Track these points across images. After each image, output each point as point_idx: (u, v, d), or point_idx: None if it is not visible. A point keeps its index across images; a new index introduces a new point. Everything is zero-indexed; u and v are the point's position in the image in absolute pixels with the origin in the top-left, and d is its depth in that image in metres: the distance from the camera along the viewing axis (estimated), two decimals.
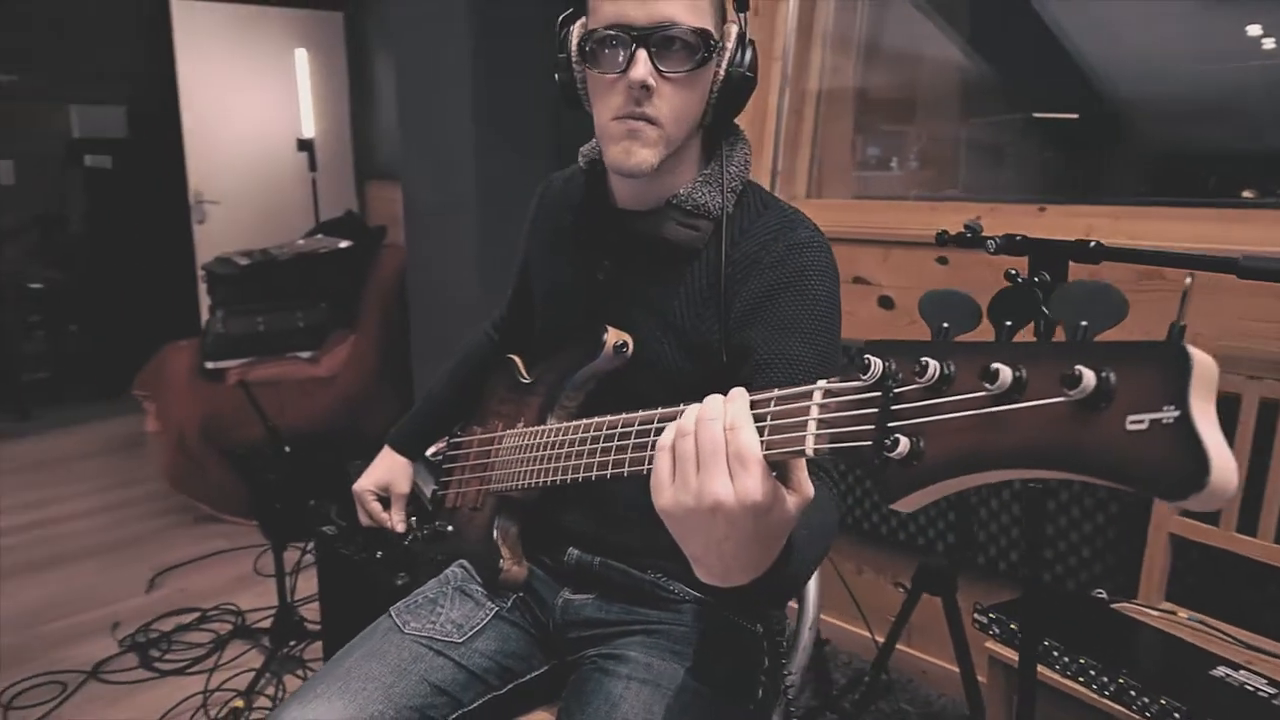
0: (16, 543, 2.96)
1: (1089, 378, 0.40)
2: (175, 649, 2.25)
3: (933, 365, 0.48)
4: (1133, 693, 1.23)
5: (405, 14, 2.87)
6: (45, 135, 4.98)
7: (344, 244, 3.48)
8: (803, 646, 1.14)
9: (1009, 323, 0.51)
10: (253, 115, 4.64)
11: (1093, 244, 1.17)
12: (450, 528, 1.17)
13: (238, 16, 4.56)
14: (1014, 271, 1.16)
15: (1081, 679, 1.29)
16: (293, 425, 2.95)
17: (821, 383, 0.57)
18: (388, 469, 1.28)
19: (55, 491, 3.42)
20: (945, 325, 0.53)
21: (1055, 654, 1.33)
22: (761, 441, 0.59)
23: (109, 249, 4.85)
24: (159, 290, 4.78)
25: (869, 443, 0.52)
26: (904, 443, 0.49)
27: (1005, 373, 0.45)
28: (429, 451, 1.36)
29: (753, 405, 0.61)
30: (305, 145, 4.21)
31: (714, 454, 0.59)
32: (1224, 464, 0.37)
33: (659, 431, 0.70)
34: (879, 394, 0.52)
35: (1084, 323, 0.45)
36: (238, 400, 3.05)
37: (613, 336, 0.98)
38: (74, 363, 4.74)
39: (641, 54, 0.88)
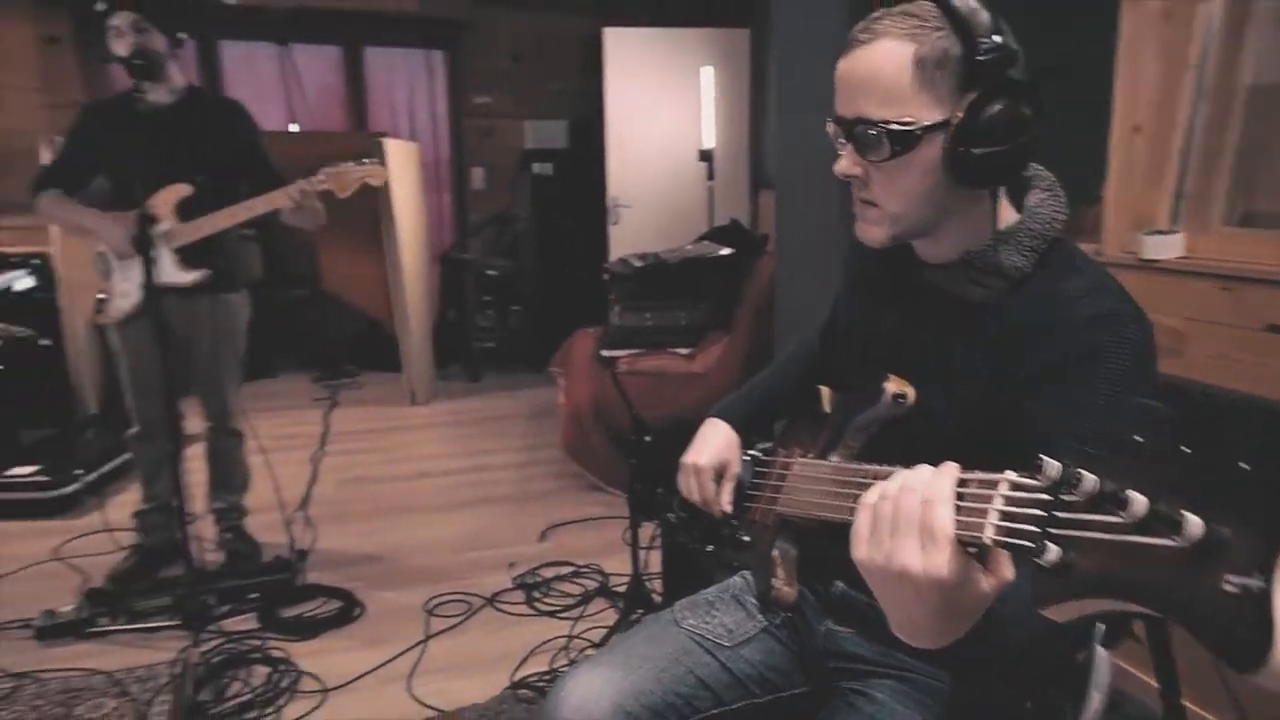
0: (458, 482, 3.69)
1: (1201, 529, 0.40)
2: (551, 595, 2.67)
3: (1088, 480, 0.49)
4: None
5: (790, 28, 3.02)
6: (506, 147, 6.00)
7: (725, 251, 3.76)
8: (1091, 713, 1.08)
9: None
10: (663, 128, 5.14)
11: None
12: (747, 538, 1.29)
13: (656, 38, 5.08)
14: None
15: None
16: (666, 413, 3.29)
17: (1010, 474, 0.59)
18: (726, 446, 1.28)
19: (490, 444, 4.19)
20: (1138, 438, 0.53)
21: None
22: (955, 520, 0.62)
23: (546, 244, 5.70)
24: (579, 281, 5.53)
25: (1030, 544, 0.54)
26: (1053, 551, 0.51)
27: (1138, 503, 0.45)
28: None
29: (960, 482, 0.64)
30: (705, 156, 4.57)
31: (907, 524, 0.63)
32: None
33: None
34: (1048, 498, 0.54)
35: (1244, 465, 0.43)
36: (624, 384, 3.49)
37: (893, 386, 1.02)
38: (515, 337, 5.67)
39: (848, 147, 0.95)
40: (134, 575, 2.71)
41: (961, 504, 0.63)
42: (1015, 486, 0.59)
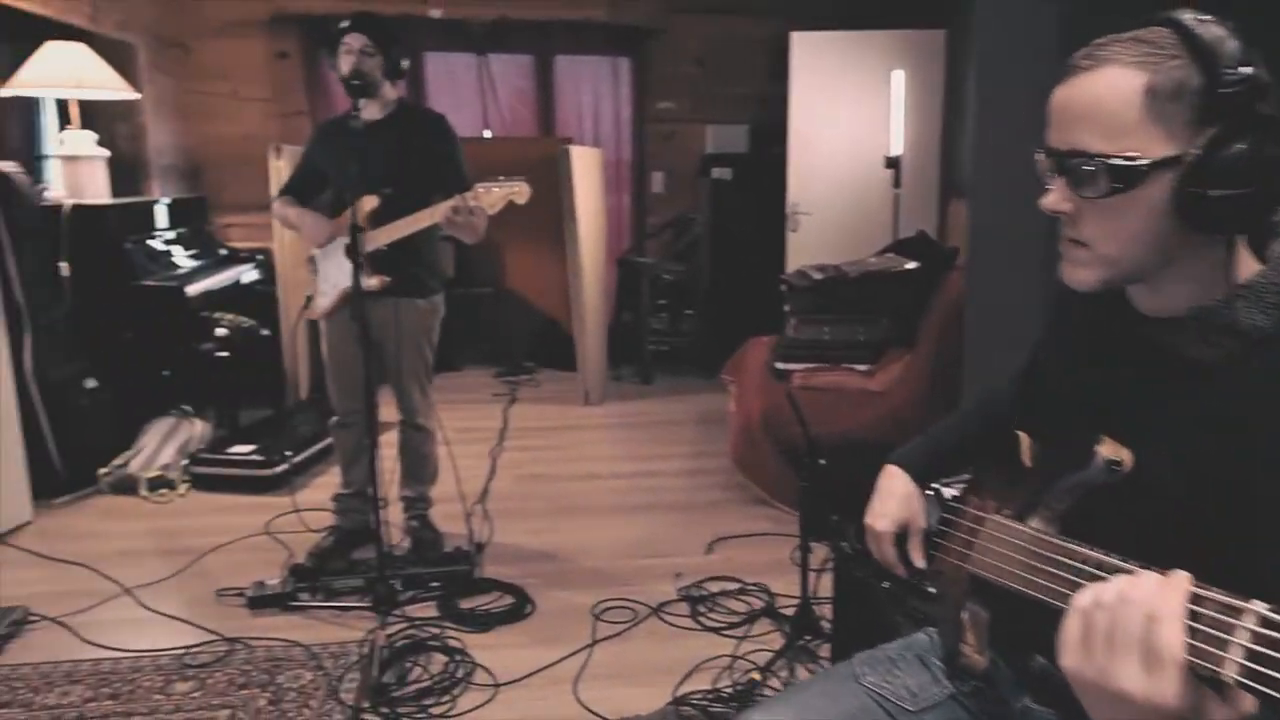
0: (628, 486, 3.76)
1: None
2: (716, 610, 2.66)
3: None
4: None
5: (993, 30, 2.84)
6: (687, 151, 6.04)
7: (910, 265, 3.60)
8: None
9: None
10: (847, 133, 5.00)
11: None
12: (934, 590, 1.22)
13: (844, 41, 4.94)
14: None
15: None
16: (841, 432, 3.20)
17: (1258, 604, 0.52)
18: (906, 503, 1.23)
19: (660, 449, 4.23)
20: None
21: None
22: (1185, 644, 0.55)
23: (723, 249, 5.68)
24: (754, 288, 5.47)
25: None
26: None
27: None
28: None
29: (1193, 599, 0.57)
30: (892, 163, 4.41)
31: (1127, 641, 0.57)
32: None
33: (1091, 577, 0.68)
34: None
35: None
36: (798, 399, 3.42)
37: (1107, 449, 0.93)
38: (687, 341, 5.70)
39: (1058, 180, 0.86)
40: (331, 554, 2.94)
41: (1195, 624, 0.56)
42: (1265, 622, 0.51)
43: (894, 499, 1.24)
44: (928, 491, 1.29)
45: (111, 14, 4.56)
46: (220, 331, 3.99)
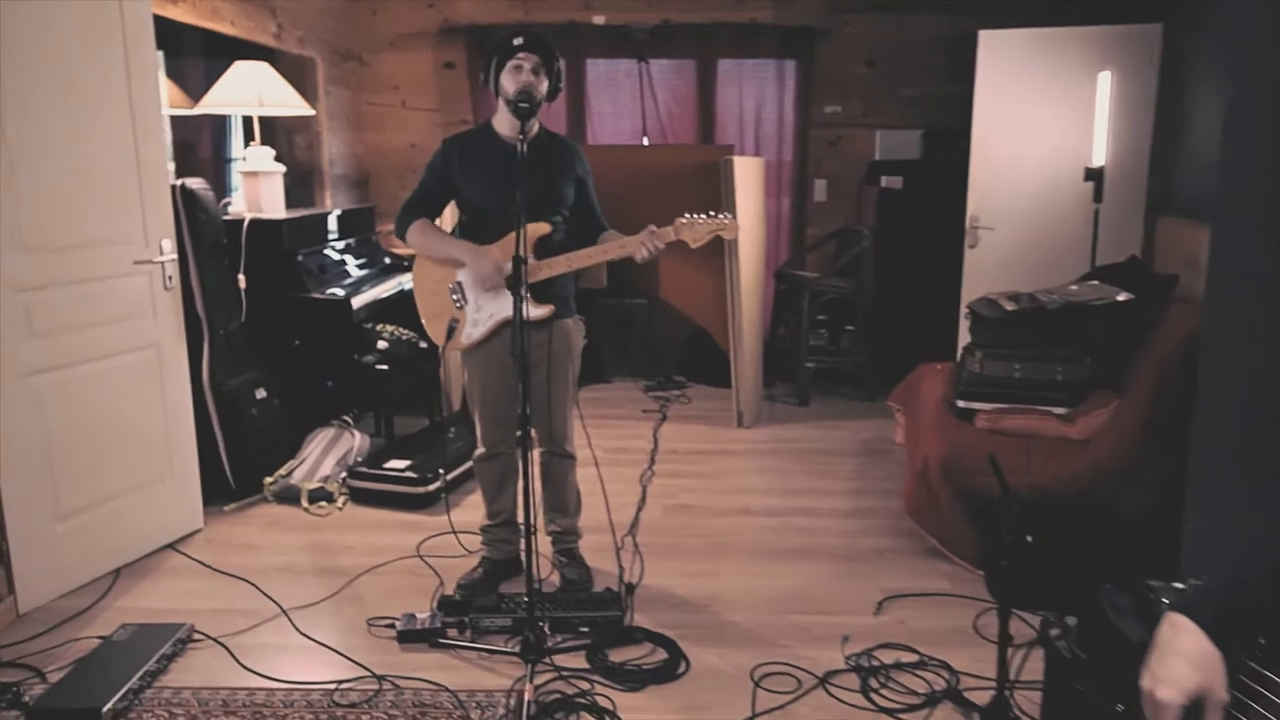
0: (783, 525, 3.50)
1: None
2: (891, 686, 2.38)
3: None
4: None
5: (1242, 24, 2.42)
6: (853, 158, 5.70)
7: (1122, 296, 3.17)
8: None
9: None
10: (1040, 140, 4.54)
11: None
12: None
13: (1042, 40, 4.48)
14: None
15: None
16: (1036, 484, 2.84)
17: None
18: (1201, 665, 0.96)
19: (817, 482, 3.95)
20: None
21: None
22: None
23: (891, 264, 5.32)
24: (925, 308, 5.08)
25: None
26: None
27: None
28: None
29: None
30: (1093, 174, 3.95)
31: None
32: None
33: None
34: None
35: None
36: (983, 443, 3.07)
37: None
38: (848, 361, 5.37)
39: None
40: (480, 587, 2.85)
41: None
42: None
43: (1185, 655, 0.97)
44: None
45: (294, 31, 4.71)
46: (381, 345, 4.02)
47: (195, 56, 4.51)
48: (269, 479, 3.65)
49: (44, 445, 2.75)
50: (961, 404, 3.25)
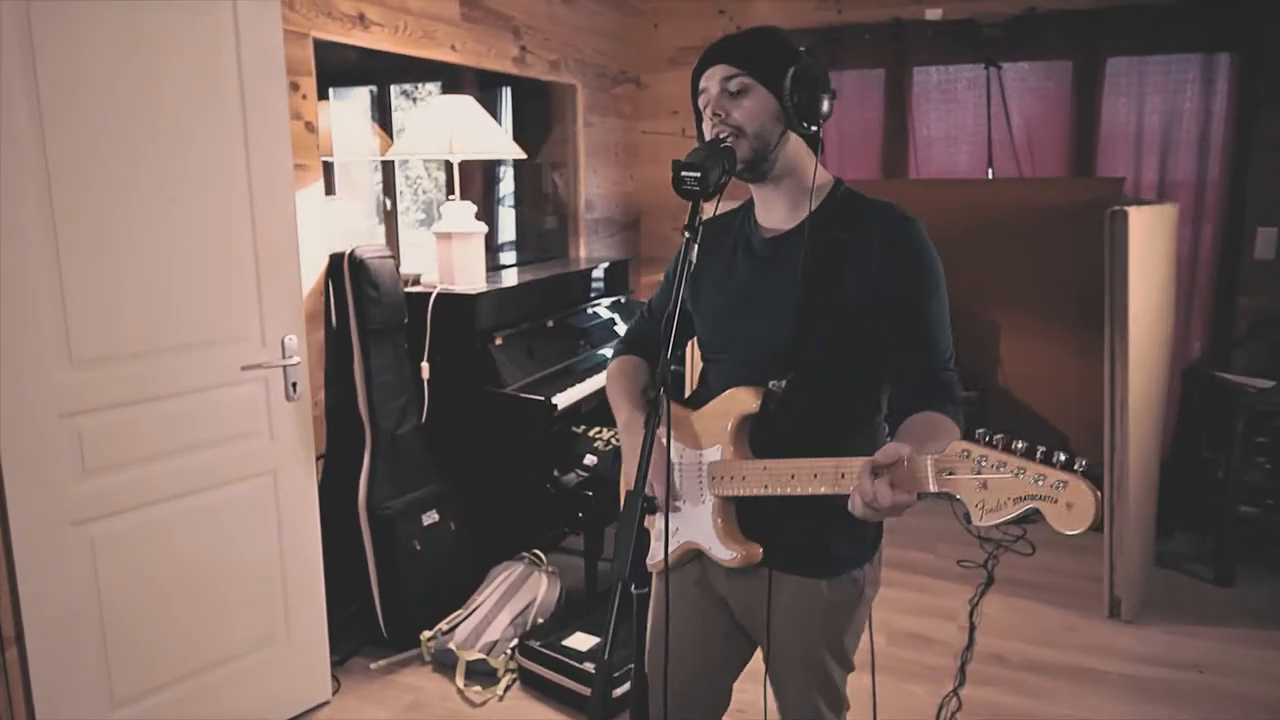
0: None
1: None
2: None
3: None
4: None
5: None
6: None
7: None
8: None
9: None
10: None
11: None
12: None
13: None
14: None
15: None
16: None
17: None
18: None
19: None
20: None
21: None
22: None
23: None
24: None
25: None
26: None
27: None
28: None
29: None
30: None
31: None
32: None
33: None
34: None
35: None
36: None
37: None
38: None
39: None
40: None
41: None
42: None
43: None
44: None
45: (545, 54, 3.93)
46: (589, 460, 3.04)
47: (470, 88, 3.88)
48: (427, 633, 2.82)
49: (94, 612, 2.09)
50: None
